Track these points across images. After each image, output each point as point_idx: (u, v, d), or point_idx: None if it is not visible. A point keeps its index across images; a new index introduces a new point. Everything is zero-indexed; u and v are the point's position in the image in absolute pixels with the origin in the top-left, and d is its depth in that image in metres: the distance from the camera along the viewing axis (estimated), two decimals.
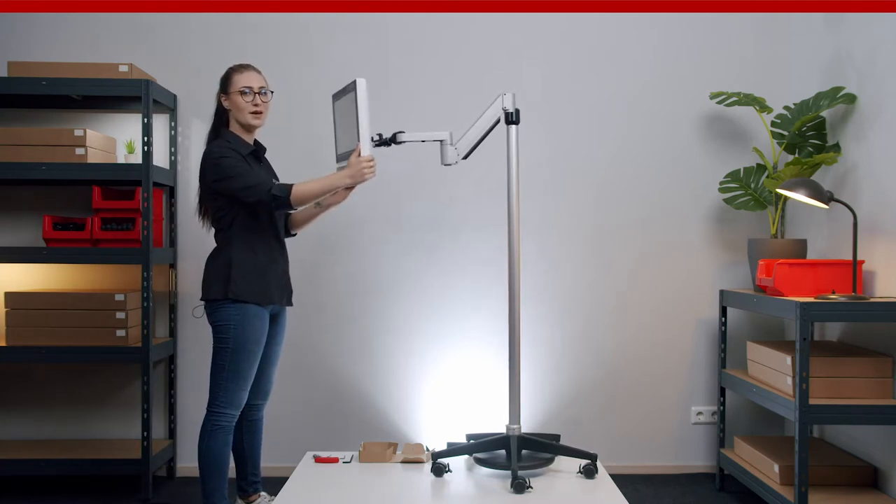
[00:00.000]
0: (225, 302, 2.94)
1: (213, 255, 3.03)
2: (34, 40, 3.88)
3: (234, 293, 2.92)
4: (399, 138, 3.26)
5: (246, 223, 2.99)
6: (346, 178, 2.96)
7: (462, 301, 3.93)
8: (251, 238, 3.00)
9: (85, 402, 3.92)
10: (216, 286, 2.96)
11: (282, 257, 3.12)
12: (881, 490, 3.20)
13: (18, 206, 3.89)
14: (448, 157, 3.29)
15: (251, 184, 2.90)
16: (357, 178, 2.97)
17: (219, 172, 2.93)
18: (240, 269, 2.95)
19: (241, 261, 2.96)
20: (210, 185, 2.98)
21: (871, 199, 3.27)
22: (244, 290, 2.94)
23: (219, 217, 3.01)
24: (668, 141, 3.96)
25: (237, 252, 2.97)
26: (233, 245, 2.98)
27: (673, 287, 3.97)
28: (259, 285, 2.98)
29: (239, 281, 2.94)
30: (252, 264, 2.98)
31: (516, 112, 3.29)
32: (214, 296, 2.95)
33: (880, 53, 3.24)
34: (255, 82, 3.03)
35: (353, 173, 2.96)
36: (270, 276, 3.02)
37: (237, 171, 2.92)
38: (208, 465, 2.97)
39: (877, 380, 3.05)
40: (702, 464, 3.97)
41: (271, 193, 2.89)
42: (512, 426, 3.28)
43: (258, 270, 2.99)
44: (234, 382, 2.96)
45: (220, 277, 2.96)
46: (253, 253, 2.99)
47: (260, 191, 2.89)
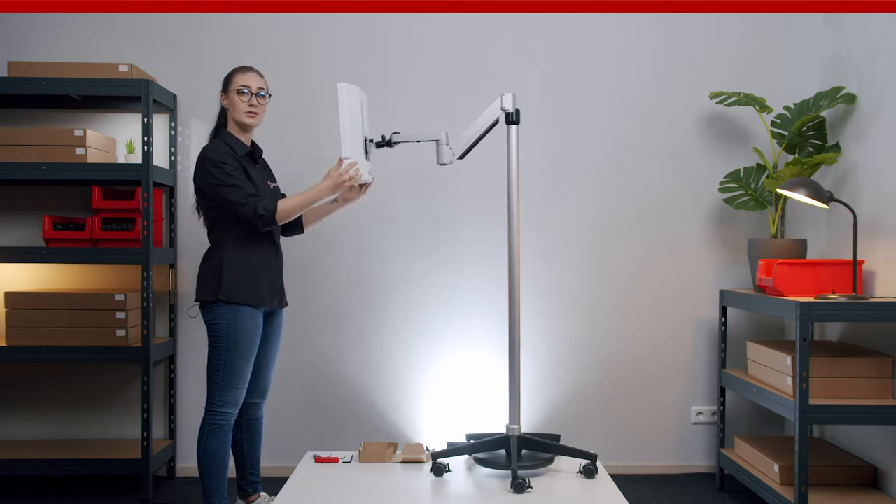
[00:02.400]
0: (217, 302, 2.95)
1: (206, 256, 3.05)
2: (34, 40, 3.88)
3: (226, 295, 2.93)
4: (394, 139, 3.27)
5: (239, 227, 2.99)
6: (327, 187, 3.00)
7: (462, 301, 3.93)
8: (243, 239, 3.00)
9: (85, 402, 3.92)
10: (208, 288, 2.97)
11: (275, 258, 3.12)
12: (881, 490, 3.20)
13: (18, 206, 3.89)
14: (444, 156, 3.30)
15: (240, 201, 2.92)
16: (337, 186, 3.00)
17: (212, 178, 2.95)
18: (231, 270, 2.96)
19: (232, 262, 2.97)
20: (201, 186, 3.00)
21: (871, 199, 3.27)
22: (235, 291, 2.95)
23: (211, 217, 3.03)
24: (668, 141, 3.96)
25: (229, 253, 2.98)
26: (225, 246, 2.99)
27: (673, 287, 3.97)
28: (250, 287, 2.98)
29: (230, 282, 2.95)
30: (244, 266, 2.98)
31: (516, 112, 3.29)
32: (206, 297, 2.97)
33: (880, 53, 3.24)
34: (254, 83, 3.05)
35: (333, 181, 3.00)
36: (262, 277, 3.02)
37: (230, 182, 2.93)
38: (207, 465, 2.98)
39: (877, 380, 3.05)
40: (702, 464, 3.97)
41: (257, 213, 2.91)
42: (512, 426, 3.28)
43: (250, 272, 2.99)
44: (230, 381, 2.97)
45: (212, 279, 2.97)
46: (245, 254, 2.99)
47: (246, 211, 2.91)
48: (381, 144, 3.28)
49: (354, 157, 3.03)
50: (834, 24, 3.58)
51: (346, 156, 3.02)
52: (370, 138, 3.24)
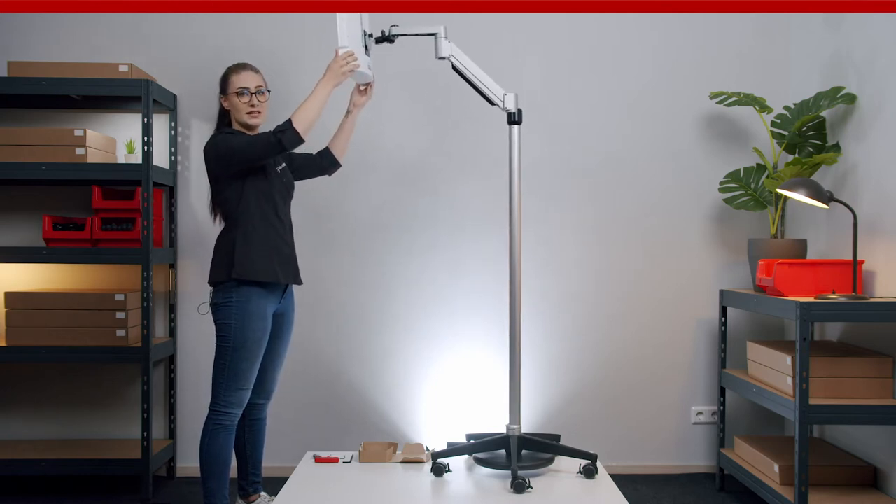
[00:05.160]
0: (228, 301, 2.95)
1: (218, 240, 3.05)
2: (34, 40, 3.88)
3: (238, 273, 2.92)
4: (393, 31, 3.29)
5: (250, 210, 2.99)
6: (330, 78, 3.01)
7: (462, 301, 3.94)
8: (255, 221, 3.00)
9: (85, 402, 3.92)
10: (221, 269, 2.97)
11: (287, 234, 3.11)
12: (881, 490, 3.20)
13: (18, 206, 3.89)
14: (442, 50, 3.30)
15: (253, 140, 2.93)
16: (339, 75, 3.02)
17: (220, 149, 2.95)
18: (243, 247, 2.96)
19: (244, 240, 2.97)
20: (216, 170, 2.99)
21: (871, 199, 3.27)
22: (247, 268, 2.94)
23: (227, 209, 3.02)
24: (668, 141, 3.96)
25: (240, 234, 2.98)
26: (238, 228, 2.99)
27: (673, 287, 3.97)
28: (262, 262, 2.97)
29: (243, 259, 2.94)
30: (255, 242, 2.98)
31: (518, 112, 3.30)
32: (219, 278, 2.97)
33: (880, 53, 3.24)
34: (252, 82, 3.05)
35: (334, 71, 3.01)
36: (273, 252, 3.01)
37: (235, 139, 2.95)
38: (210, 465, 2.97)
39: (877, 380, 3.05)
40: (702, 464, 3.97)
41: (275, 133, 2.90)
42: (512, 426, 3.28)
43: (261, 248, 2.98)
44: (235, 382, 2.97)
45: (225, 260, 2.97)
46: (256, 233, 2.99)
47: (264, 138, 2.91)
48: (380, 40, 3.30)
49: (351, 48, 3.05)
50: (834, 24, 3.58)
51: (343, 45, 3.04)
52: (369, 33, 3.26)
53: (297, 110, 2.93)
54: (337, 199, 3.92)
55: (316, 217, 3.92)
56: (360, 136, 3.87)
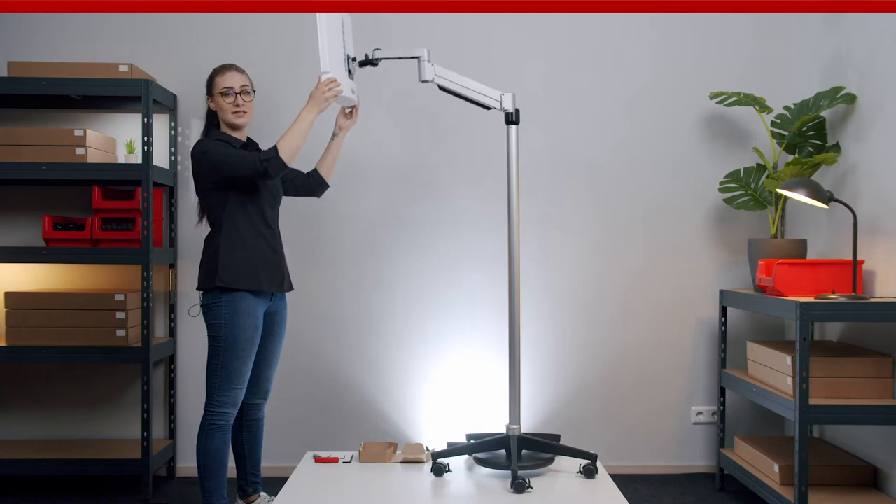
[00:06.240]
0: (217, 302, 2.95)
1: (205, 245, 3.06)
2: (34, 40, 3.88)
3: (223, 280, 2.93)
4: (376, 55, 3.27)
5: (235, 215, 2.99)
6: (313, 105, 3.00)
7: (462, 301, 3.93)
8: (240, 227, 3.00)
9: (85, 402, 3.92)
10: (207, 275, 2.98)
11: (274, 242, 3.10)
12: (881, 490, 3.20)
13: (18, 206, 3.89)
14: (425, 73, 3.26)
15: (244, 157, 2.93)
16: (321, 103, 3.00)
17: (207, 161, 2.96)
18: (227, 255, 2.96)
19: (228, 247, 2.97)
20: (201, 178, 3.01)
21: (871, 199, 3.27)
22: (231, 275, 2.94)
23: (213, 214, 3.03)
24: (668, 141, 3.96)
25: (225, 238, 2.98)
26: (222, 234, 2.99)
27: (673, 287, 3.97)
28: (246, 270, 2.97)
29: (227, 267, 2.95)
30: (240, 251, 2.98)
31: (516, 112, 3.30)
32: (205, 284, 2.98)
33: (880, 53, 3.24)
34: (237, 82, 3.06)
35: (317, 98, 3.00)
36: (258, 260, 3.01)
37: (224, 154, 2.95)
38: (206, 465, 2.98)
39: (877, 380, 3.05)
40: (702, 464, 3.97)
41: (260, 159, 2.90)
42: (512, 426, 3.28)
43: (246, 257, 2.99)
44: (228, 382, 2.97)
45: (210, 266, 2.98)
46: (240, 239, 2.99)
47: (252, 162, 2.91)
48: (364, 63, 3.28)
49: (333, 73, 3.03)
50: (834, 24, 3.58)
51: (325, 70, 3.02)
52: (353, 56, 3.24)
53: (281, 138, 2.93)
54: (337, 200, 3.92)
55: (316, 218, 3.92)
56: (358, 140, 3.87)
